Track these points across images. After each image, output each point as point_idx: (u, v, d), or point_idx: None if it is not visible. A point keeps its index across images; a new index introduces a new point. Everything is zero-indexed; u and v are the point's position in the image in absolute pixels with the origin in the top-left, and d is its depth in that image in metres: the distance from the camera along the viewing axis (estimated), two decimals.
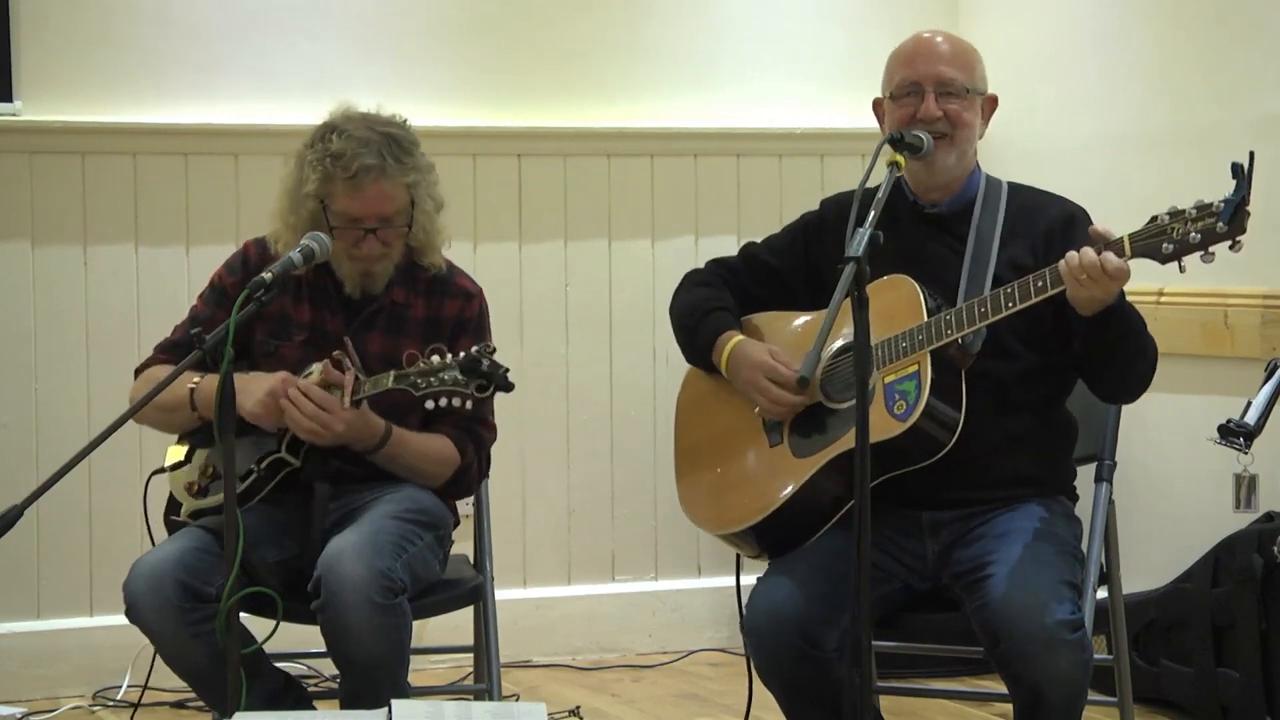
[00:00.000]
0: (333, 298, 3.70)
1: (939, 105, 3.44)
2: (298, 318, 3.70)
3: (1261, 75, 4.59)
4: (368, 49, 5.13)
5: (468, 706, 3.21)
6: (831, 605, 3.24)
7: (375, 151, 3.57)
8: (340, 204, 3.58)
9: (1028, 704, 3.16)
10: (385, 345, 3.67)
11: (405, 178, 3.60)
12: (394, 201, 3.60)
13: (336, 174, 3.56)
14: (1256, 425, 3.09)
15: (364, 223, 3.59)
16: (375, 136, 3.59)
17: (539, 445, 5.30)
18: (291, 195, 3.65)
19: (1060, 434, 3.52)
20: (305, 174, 3.62)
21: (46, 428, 4.89)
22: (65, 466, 3.08)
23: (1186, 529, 4.62)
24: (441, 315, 3.72)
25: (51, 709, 4.78)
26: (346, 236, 3.59)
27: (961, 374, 3.32)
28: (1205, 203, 3.08)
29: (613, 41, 5.36)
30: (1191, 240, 3.07)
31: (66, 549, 4.91)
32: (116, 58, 4.94)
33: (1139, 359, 3.32)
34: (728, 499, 3.54)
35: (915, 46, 3.53)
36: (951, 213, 3.51)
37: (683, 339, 3.67)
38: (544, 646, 5.29)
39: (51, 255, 4.91)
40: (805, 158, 5.48)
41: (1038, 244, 3.43)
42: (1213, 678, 4.36)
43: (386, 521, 3.50)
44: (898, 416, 3.29)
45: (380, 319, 3.69)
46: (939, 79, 3.45)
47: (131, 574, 3.45)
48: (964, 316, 3.29)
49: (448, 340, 3.65)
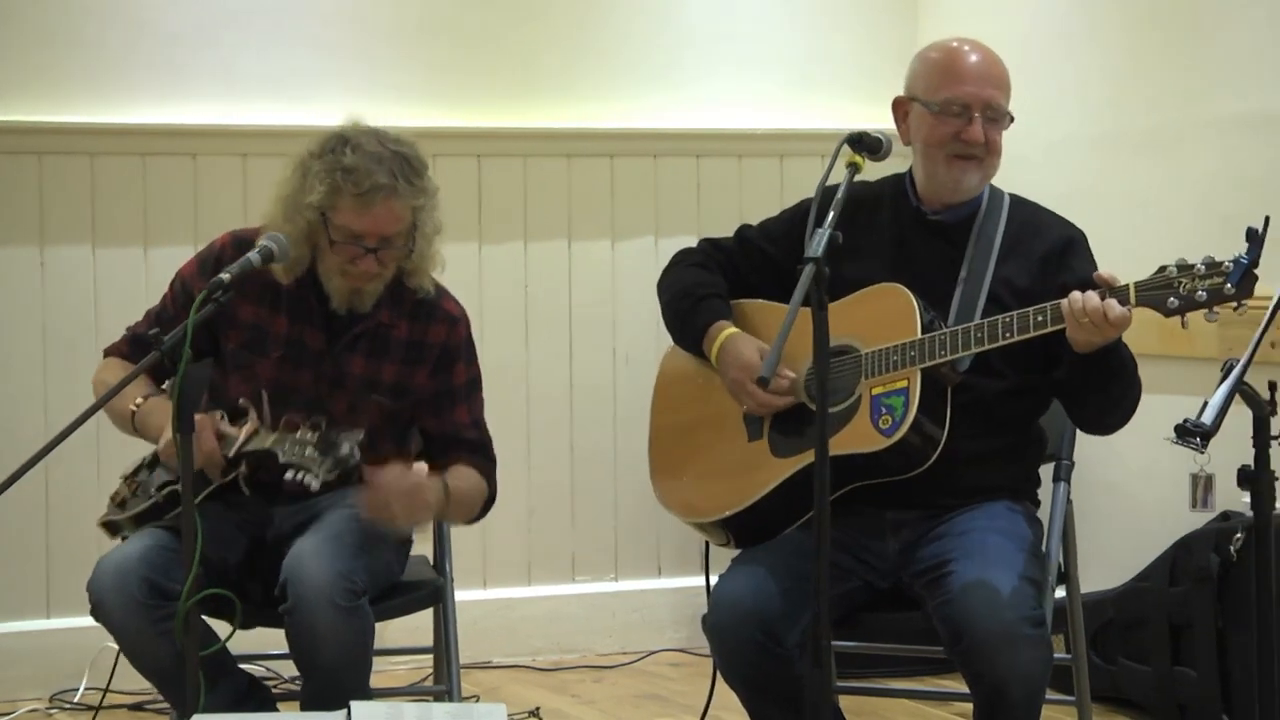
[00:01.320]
0: (315, 312, 3.61)
1: (985, 130, 3.40)
2: (274, 330, 3.61)
3: (1231, 75, 4.61)
4: (327, 49, 5.12)
5: (428, 708, 3.20)
6: (793, 601, 3.24)
7: (388, 170, 3.47)
8: (344, 219, 3.48)
9: (989, 701, 3.17)
10: (367, 367, 3.61)
11: (414, 200, 3.51)
12: (399, 222, 3.51)
13: (346, 188, 3.45)
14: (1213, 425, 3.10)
15: (365, 240, 3.49)
16: (388, 154, 3.49)
17: (499, 445, 5.21)
18: (289, 202, 3.53)
19: (1033, 448, 3.54)
20: (310, 184, 3.49)
21: (3, 429, 4.85)
22: (22, 468, 3.05)
23: (1144, 528, 4.64)
24: (425, 340, 3.65)
25: (8, 712, 4.75)
26: (344, 252, 3.50)
27: (948, 391, 3.32)
28: (1215, 261, 3.07)
29: (573, 42, 5.36)
30: (1197, 299, 3.07)
31: (23, 551, 4.89)
32: (74, 57, 4.91)
33: (1124, 399, 3.33)
34: (702, 488, 3.54)
35: (969, 64, 3.45)
36: (954, 222, 3.48)
37: (673, 322, 3.64)
38: (504, 647, 5.29)
39: (8, 256, 4.89)
40: (764, 158, 5.49)
41: (1034, 266, 3.42)
42: (1170, 676, 4.38)
43: (348, 524, 3.49)
44: (883, 431, 3.28)
45: (363, 341, 3.61)
46: (989, 104, 3.41)
47: (96, 571, 3.44)
48: (959, 340, 3.27)
49: (433, 366, 3.62)
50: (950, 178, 3.43)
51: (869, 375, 3.33)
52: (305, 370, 3.59)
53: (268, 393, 3.54)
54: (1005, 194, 3.54)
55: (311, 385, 3.59)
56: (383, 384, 3.62)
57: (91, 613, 3.45)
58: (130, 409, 3.57)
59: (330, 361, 3.60)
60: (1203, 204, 4.65)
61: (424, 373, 3.65)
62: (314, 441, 3.31)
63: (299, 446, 3.33)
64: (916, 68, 3.51)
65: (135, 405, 3.57)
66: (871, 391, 3.32)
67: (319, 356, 3.60)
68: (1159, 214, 4.77)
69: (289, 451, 3.34)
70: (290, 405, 3.53)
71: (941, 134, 3.42)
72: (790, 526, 3.41)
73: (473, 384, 3.73)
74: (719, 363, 3.52)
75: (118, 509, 3.60)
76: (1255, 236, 3.03)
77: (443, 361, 3.66)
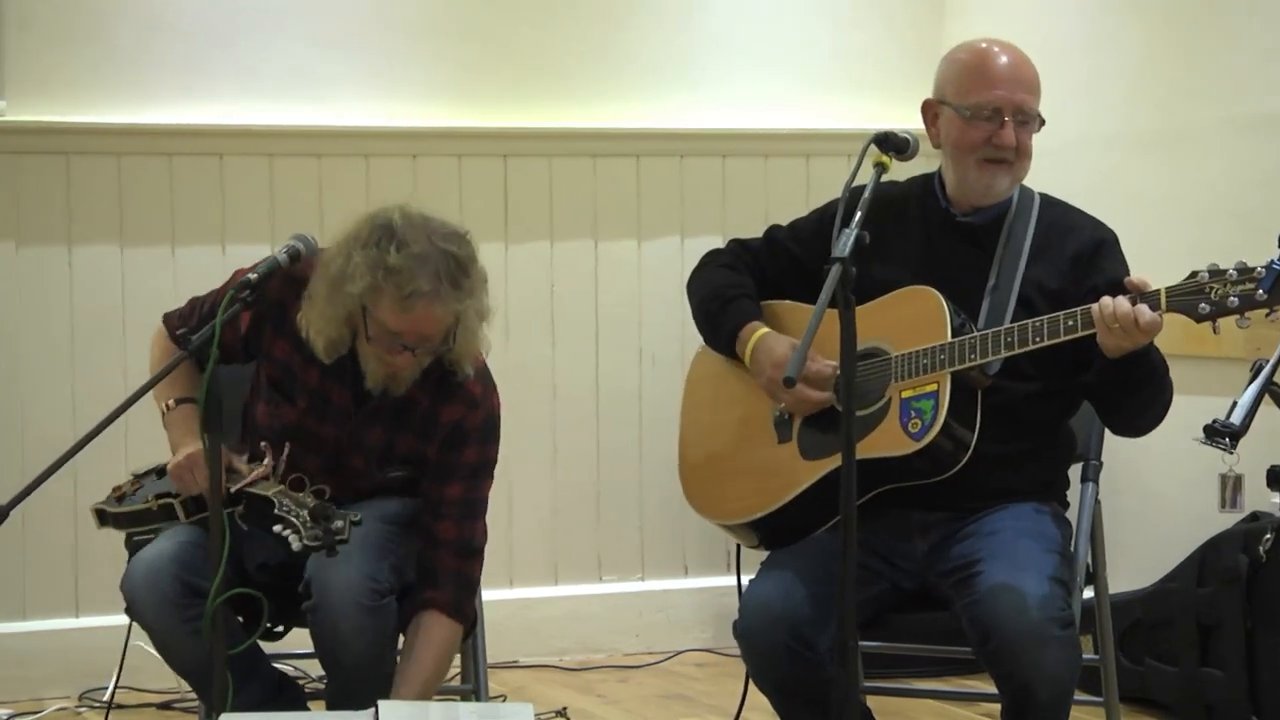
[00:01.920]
0: (348, 374, 3.53)
1: (1017, 134, 3.37)
2: (305, 380, 3.56)
3: (1246, 75, 4.60)
4: (353, 50, 5.13)
5: (454, 707, 3.22)
6: (822, 605, 3.24)
7: (433, 273, 3.33)
8: (383, 316, 3.36)
9: (1016, 701, 3.16)
10: (384, 437, 3.56)
11: (457, 305, 3.38)
12: (440, 326, 3.40)
13: (387, 289, 3.33)
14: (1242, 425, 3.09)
15: (403, 339, 3.39)
16: (435, 253, 3.35)
17: (525, 446, 5.29)
18: (332, 286, 3.40)
19: (1062, 449, 3.52)
20: (352, 273, 3.36)
21: (32, 429, 4.87)
22: (51, 467, 3.07)
23: (1172, 529, 4.62)
24: (439, 417, 3.55)
25: (37, 710, 4.76)
26: (382, 344, 3.42)
27: (978, 395, 3.30)
28: (1248, 266, 3.05)
29: (598, 42, 5.36)
30: (1229, 305, 3.05)
31: (52, 550, 4.90)
32: (101, 58, 4.93)
33: (1155, 402, 3.32)
34: (730, 489, 3.53)
35: (999, 67, 3.42)
36: (983, 224, 3.46)
37: (704, 323, 3.63)
38: (530, 647, 5.29)
39: (36, 256, 4.90)
40: (791, 158, 5.48)
41: (1065, 267, 3.40)
42: (1198, 677, 4.37)
43: (374, 524, 3.49)
44: (913, 435, 3.27)
45: (386, 411, 3.55)
46: (1020, 108, 3.38)
47: (129, 570, 3.45)
48: (989, 344, 3.25)
49: (440, 444, 3.54)
50: (981, 182, 3.41)
51: (899, 378, 3.32)
52: (329, 425, 3.55)
53: (290, 438, 3.53)
54: (1036, 194, 3.51)
55: (332, 441, 3.56)
56: (396, 455, 3.57)
57: (126, 611, 3.46)
58: (163, 408, 3.58)
59: (352, 424, 3.55)
60: (1218, 203, 4.64)
61: (434, 447, 3.57)
62: (310, 506, 3.28)
63: (296, 506, 3.31)
64: (945, 70, 3.48)
65: (167, 406, 3.57)
66: (901, 395, 3.31)
67: (343, 416, 3.55)
68: (1174, 213, 4.76)
69: (284, 507, 3.31)
70: (309, 455, 3.52)
71: (972, 138, 3.39)
72: (819, 529, 3.40)
73: (480, 468, 3.59)
74: (752, 363, 3.51)
75: (114, 501, 3.62)
76: None
77: (453, 440, 3.56)
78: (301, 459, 3.51)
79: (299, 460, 3.50)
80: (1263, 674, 4.22)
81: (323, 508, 3.28)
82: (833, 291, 2.86)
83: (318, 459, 3.52)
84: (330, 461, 3.54)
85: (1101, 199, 4.59)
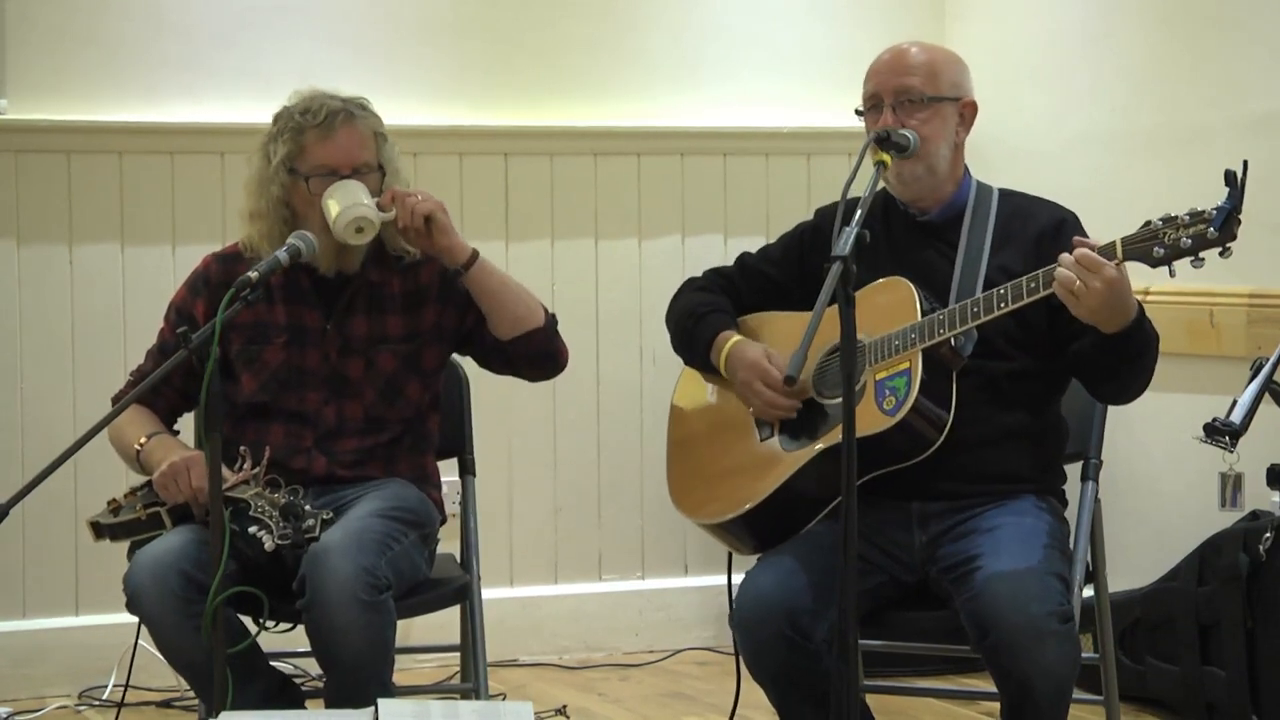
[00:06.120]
0: (307, 292, 3.70)
1: (898, 118, 3.42)
2: (274, 321, 3.69)
3: (1247, 76, 4.60)
4: (354, 48, 5.12)
5: (454, 706, 3.21)
6: (819, 596, 3.24)
7: (336, 101, 3.65)
8: (314, 157, 3.62)
9: (1015, 698, 3.17)
10: (370, 325, 3.69)
11: (375, 125, 3.66)
12: (366, 147, 3.64)
13: (306, 126, 3.61)
14: (1242, 424, 3.10)
15: (340, 171, 3.61)
16: (327, 93, 3.68)
17: (526, 444, 5.30)
18: (258, 181, 3.67)
19: (1051, 434, 3.53)
20: (273, 149, 3.64)
21: (31, 427, 4.88)
22: (50, 466, 3.08)
23: (1172, 527, 4.63)
24: (419, 284, 3.74)
25: (37, 708, 4.77)
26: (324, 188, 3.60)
27: (952, 375, 3.34)
28: (1198, 210, 3.09)
29: (599, 40, 5.36)
30: (1183, 245, 3.09)
31: (52, 548, 4.90)
32: (103, 56, 4.93)
33: (1147, 370, 3.34)
34: (715, 490, 3.55)
35: (880, 58, 3.52)
36: (942, 221, 3.52)
37: (680, 341, 3.70)
38: (531, 646, 5.29)
39: (37, 254, 4.90)
40: (792, 157, 5.48)
41: (1029, 249, 3.43)
42: (1198, 676, 4.37)
43: (371, 519, 3.50)
44: (886, 412, 3.31)
45: (360, 300, 3.70)
46: (897, 90, 3.44)
47: (133, 566, 3.47)
48: (956, 316, 3.30)
49: (436, 299, 3.71)
50: (891, 173, 3.43)
51: (873, 362, 3.37)
52: (311, 349, 3.66)
53: (282, 384, 3.63)
54: (994, 188, 3.56)
55: (321, 362, 3.68)
56: (389, 336, 3.69)
57: (127, 606, 3.46)
58: (135, 447, 3.65)
59: (333, 332, 3.67)
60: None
61: (431, 310, 3.72)
62: (281, 505, 3.40)
63: (269, 506, 3.41)
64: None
65: (140, 444, 3.64)
66: (875, 377, 3.36)
67: (320, 333, 3.67)
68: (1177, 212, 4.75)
69: (258, 508, 3.42)
70: (306, 391, 3.65)
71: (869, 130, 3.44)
72: (812, 521, 3.42)
73: None
74: (727, 369, 3.56)
75: (110, 514, 3.66)
76: (1234, 180, 3.03)
77: (446, 290, 3.73)
78: (301, 399, 3.65)
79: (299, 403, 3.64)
80: (1263, 672, 4.22)
81: (292, 505, 3.39)
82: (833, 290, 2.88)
83: (316, 393, 3.66)
84: (328, 388, 3.66)
85: (1101, 199, 4.61)
